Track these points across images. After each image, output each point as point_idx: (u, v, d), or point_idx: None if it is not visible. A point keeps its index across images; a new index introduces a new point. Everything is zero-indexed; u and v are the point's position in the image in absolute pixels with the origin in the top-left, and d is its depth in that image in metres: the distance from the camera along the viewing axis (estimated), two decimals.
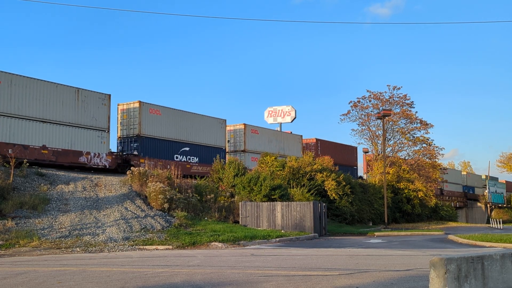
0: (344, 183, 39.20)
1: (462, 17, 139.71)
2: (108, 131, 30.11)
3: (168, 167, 29.87)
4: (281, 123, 60.27)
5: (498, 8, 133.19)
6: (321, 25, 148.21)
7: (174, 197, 25.17)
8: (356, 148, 56.97)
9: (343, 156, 53.69)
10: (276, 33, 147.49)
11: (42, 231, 19.05)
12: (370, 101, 51.95)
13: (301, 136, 48.58)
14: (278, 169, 36.01)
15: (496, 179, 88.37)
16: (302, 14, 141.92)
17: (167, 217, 23.69)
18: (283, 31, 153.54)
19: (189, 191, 26.56)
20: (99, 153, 29.31)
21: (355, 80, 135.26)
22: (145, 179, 26.21)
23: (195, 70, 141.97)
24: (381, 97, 51.84)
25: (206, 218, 25.52)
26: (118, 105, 33.32)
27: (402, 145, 53.62)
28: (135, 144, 31.98)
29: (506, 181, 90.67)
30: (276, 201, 28.78)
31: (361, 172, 61.34)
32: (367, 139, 53.28)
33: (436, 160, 54.12)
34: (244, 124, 40.82)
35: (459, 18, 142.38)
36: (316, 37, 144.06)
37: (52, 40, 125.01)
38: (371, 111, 51.76)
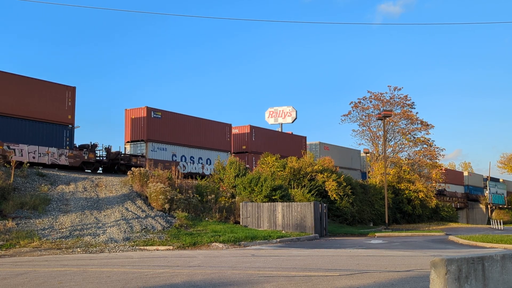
0: (345, 184, 39.20)
1: (465, 17, 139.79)
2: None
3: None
4: (281, 124, 60.39)
5: (500, 9, 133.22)
6: (328, 24, 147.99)
7: (175, 197, 25.19)
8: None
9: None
10: (280, 33, 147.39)
11: (43, 232, 19.07)
12: (370, 101, 52.01)
13: None
14: (279, 169, 36.05)
15: (497, 179, 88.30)
16: (312, 13, 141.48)
17: (168, 217, 23.69)
18: (288, 31, 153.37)
19: (190, 191, 26.58)
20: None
21: (358, 80, 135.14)
22: (145, 179, 26.22)
23: (196, 69, 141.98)
24: (381, 98, 51.91)
25: (206, 219, 25.51)
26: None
27: (402, 146, 53.66)
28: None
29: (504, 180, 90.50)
30: (277, 201, 28.77)
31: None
32: (367, 139, 53.34)
33: (437, 160, 54.18)
34: None
35: (463, 19, 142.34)
36: (321, 36, 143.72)
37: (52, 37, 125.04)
38: (371, 111, 51.82)
